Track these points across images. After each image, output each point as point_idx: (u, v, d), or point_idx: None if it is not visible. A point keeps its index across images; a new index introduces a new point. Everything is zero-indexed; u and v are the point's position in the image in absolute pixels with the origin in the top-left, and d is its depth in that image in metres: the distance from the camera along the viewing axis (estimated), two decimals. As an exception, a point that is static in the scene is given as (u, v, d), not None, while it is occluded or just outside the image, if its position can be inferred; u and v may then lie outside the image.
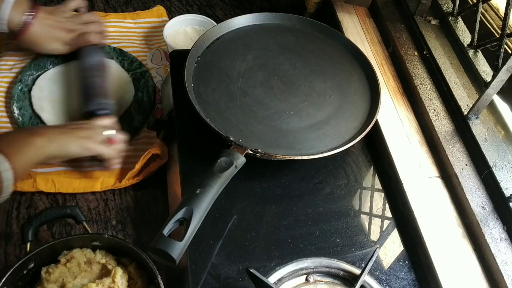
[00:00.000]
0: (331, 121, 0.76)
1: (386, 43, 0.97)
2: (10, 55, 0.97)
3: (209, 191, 0.58)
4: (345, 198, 0.73)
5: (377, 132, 0.80)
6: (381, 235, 0.70)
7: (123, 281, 0.64)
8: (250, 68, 0.81)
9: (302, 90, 0.79)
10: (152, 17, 1.10)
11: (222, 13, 1.16)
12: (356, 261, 0.66)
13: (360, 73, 0.84)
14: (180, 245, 0.53)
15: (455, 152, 0.76)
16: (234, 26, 0.87)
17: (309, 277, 0.63)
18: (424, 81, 0.87)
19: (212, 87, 0.77)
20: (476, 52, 0.85)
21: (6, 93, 0.91)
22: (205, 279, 0.62)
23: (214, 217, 0.67)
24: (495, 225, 0.68)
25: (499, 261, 0.64)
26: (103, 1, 1.14)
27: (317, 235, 0.68)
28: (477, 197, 0.71)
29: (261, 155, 0.67)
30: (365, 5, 1.05)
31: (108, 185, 0.82)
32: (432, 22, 0.95)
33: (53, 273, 0.64)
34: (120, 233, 0.78)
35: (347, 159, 0.78)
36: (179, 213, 0.56)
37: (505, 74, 0.71)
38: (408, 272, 0.66)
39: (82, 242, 0.67)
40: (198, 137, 0.76)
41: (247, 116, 0.74)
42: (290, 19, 0.90)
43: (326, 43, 0.88)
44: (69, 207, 0.69)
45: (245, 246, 0.66)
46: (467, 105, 0.80)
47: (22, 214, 0.78)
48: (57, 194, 0.81)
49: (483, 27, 0.87)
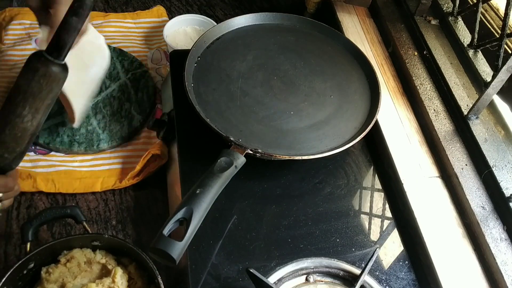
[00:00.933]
0: (331, 121, 0.76)
1: (386, 43, 0.97)
2: (10, 55, 0.97)
3: (209, 191, 0.58)
4: (345, 198, 0.73)
5: (377, 132, 0.80)
6: (381, 235, 0.70)
7: (123, 281, 0.64)
8: (250, 68, 0.81)
9: (302, 90, 0.79)
10: (152, 17, 1.10)
11: (222, 13, 1.16)
12: (356, 261, 0.66)
13: (360, 73, 0.84)
14: (180, 245, 0.53)
15: (455, 152, 0.76)
16: (234, 26, 0.87)
17: (309, 277, 0.63)
18: (424, 81, 0.87)
19: (212, 87, 0.77)
20: (476, 52, 0.85)
21: (6, 93, 0.91)
22: (205, 279, 0.62)
23: (214, 217, 0.67)
24: (495, 225, 0.68)
25: (499, 261, 0.64)
26: (103, 1, 1.14)
27: (317, 235, 0.68)
28: (477, 197, 0.71)
29: (261, 155, 0.67)
30: (365, 5, 1.05)
31: (108, 185, 0.82)
32: (432, 22, 0.95)
33: (53, 273, 0.64)
34: (120, 233, 0.78)
35: (347, 159, 0.78)
36: (179, 213, 0.56)
37: (505, 74, 0.71)
38: (408, 272, 0.66)
39: (82, 242, 0.67)
40: (198, 137, 0.76)
41: (247, 116, 0.74)
42: (290, 19, 0.91)
43: (326, 43, 0.88)
44: (69, 207, 0.69)
45: (245, 246, 0.66)
46: (467, 105, 0.80)
47: (22, 214, 0.78)
48: (57, 194, 0.81)
49: (483, 27, 0.87)
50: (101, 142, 0.86)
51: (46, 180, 0.80)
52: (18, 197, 0.79)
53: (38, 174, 0.81)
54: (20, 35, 1.01)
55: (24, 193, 0.80)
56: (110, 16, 1.09)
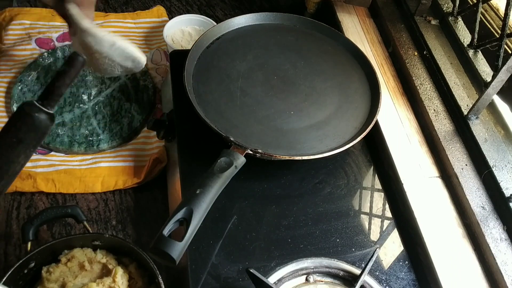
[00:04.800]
0: (331, 121, 0.76)
1: (386, 43, 0.97)
2: (10, 55, 0.97)
3: (209, 191, 0.58)
4: (345, 198, 0.73)
5: (377, 132, 0.80)
6: (381, 235, 0.70)
7: (124, 280, 0.64)
8: (250, 68, 0.81)
9: (302, 90, 0.79)
10: (152, 17, 1.10)
11: (222, 13, 1.16)
12: (356, 261, 0.66)
13: (360, 73, 0.84)
14: (180, 245, 0.53)
15: (455, 152, 0.76)
16: (234, 26, 0.87)
17: (309, 277, 0.63)
18: (424, 81, 0.87)
19: (212, 87, 0.77)
20: (476, 52, 0.85)
21: (6, 93, 0.92)
22: (205, 279, 0.62)
23: (214, 217, 0.67)
24: (495, 225, 0.68)
25: (499, 261, 0.64)
26: (103, 1, 1.14)
27: (317, 235, 0.68)
28: (477, 197, 0.71)
29: (261, 155, 0.68)
30: (365, 5, 1.05)
31: (109, 186, 0.82)
32: (432, 22, 0.95)
33: (53, 273, 0.64)
34: (120, 233, 0.78)
35: (347, 159, 0.78)
36: (179, 213, 0.56)
37: (505, 74, 0.71)
38: (408, 272, 0.66)
39: (82, 242, 0.67)
40: (198, 137, 0.76)
41: (247, 116, 0.74)
42: (290, 19, 0.91)
43: (326, 43, 0.88)
44: (70, 207, 0.69)
45: (245, 246, 0.66)
46: (467, 105, 0.80)
47: (22, 214, 0.78)
48: (57, 194, 0.81)
49: (483, 27, 0.87)
50: (101, 142, 0.86)
51: (46, 180, 0.80)
52: (18, 197, 0.79)
53: (38, 174, 0.81)
54: (20, 35, 1.01)
55: (24, 193, 0.80)
56: (110, 16, 1.09)
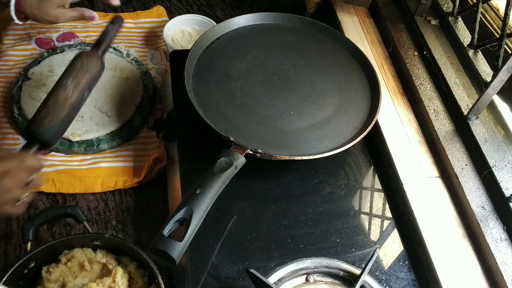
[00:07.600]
0: (331, 121, 0.76)
1: (386, 43, 0.97)
2: (10, 55, 0.97)
3: (209, 191, 0.58)
4: (345, 198, 0.73)
5: (377, 132, 0.80)
6: (381, 235, 0.70)
7: (124, 280, 0.64)
8: (250, 68, 0.81)
9: (302, 90, 0.79)
10: (152, 17, 1.10)
11: (222, 13, 1.16)
12: (356, 261, 0.66)
13: (360, 73, 0.84)
14: (180, 245, 0.53)
15: (455, 152, 0.76)
16: (234, 26, 0.87)
17: (309, 277, 0.63)
18: (424, 81, 0.87)
19: (212, 87, 0.77)
20: (476, 52, 0.85)
21: (6, 93, 0.92)
22: (205, 279, 0.62)
23: (214, 217, 0.67)
24: (495, 225, 0.68)
25: (499, 261, 0.64)
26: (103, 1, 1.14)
27: (317, 235, 0.68)
28: (477, 197, 0.71)
29: (261, 155, 0.67)
30: (365, 5, 1.05)
31: (109, 187, 0.82)
32: (432, 22, 0.95)
33: (53, 273, 0.64)
34: (120, 233, 0.78)
35: (347, 159, 0.78)
36: (179, 213, 0.56)
37: (505, 74, 0.71)
38: (408, 272, 0.66)
39: (82, 242, 0.67)
40: (198, 137, 0.76)
41: (247, 116, 0.74)
42: (290, 19, 0.91)
43: (326, 43, 0.88)
44: (70, 207, 0.69)
45: (245, 246, 0.66)
46: (467, 105, 0.80)
47: (22, 214, 0.78)
48: (57, 194, 0.81)
49: (483, 27, 0.87)
50: (101, 142, 0.86)
51: (46, 180, 0.80)
52: (18, 197, 0.79)
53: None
54: (20, 35, 1.01)
55: (24, 193, 0.80)
56: (110, 16, 1.09)
